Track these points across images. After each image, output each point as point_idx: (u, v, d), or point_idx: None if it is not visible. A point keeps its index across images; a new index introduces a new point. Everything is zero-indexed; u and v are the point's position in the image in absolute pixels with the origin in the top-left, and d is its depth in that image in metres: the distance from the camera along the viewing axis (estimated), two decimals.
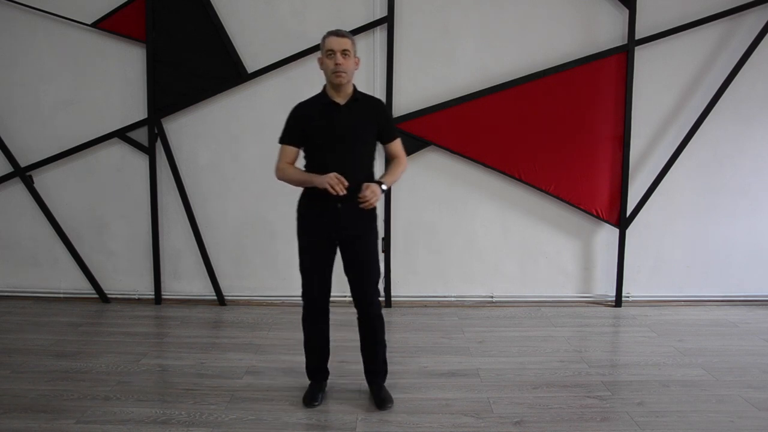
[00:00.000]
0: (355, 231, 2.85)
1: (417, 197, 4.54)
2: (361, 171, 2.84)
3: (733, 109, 4.47)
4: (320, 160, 2.81)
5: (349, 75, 2.79)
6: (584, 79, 4.38)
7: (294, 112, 2.89)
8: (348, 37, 2.79)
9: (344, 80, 2.77)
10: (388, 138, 2.93)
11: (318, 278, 2.91)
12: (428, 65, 4.42)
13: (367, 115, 2.86)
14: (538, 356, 3.61)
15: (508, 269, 4.64)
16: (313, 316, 2.98)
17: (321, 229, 2.85)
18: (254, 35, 4.37)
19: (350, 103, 2.83)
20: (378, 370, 3.03)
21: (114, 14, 4.31)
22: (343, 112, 2.81)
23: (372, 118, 2.87)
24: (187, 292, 4.62)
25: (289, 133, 2.88)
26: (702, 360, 3.55)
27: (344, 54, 2.75)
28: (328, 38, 2.79)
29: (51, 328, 4.00)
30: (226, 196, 4.52)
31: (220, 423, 2.79)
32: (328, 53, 2.76)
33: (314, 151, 2.85)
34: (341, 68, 2.74)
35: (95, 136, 4.44)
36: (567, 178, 4.45)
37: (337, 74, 2.75)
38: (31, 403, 2.95)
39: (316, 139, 2.82)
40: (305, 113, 2.85)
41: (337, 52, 2.74)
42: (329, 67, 2.77)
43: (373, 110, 2.89)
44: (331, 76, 2.78)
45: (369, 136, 2.87)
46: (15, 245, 4.60)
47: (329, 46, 2.76)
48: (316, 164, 2.84)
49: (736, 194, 4.57)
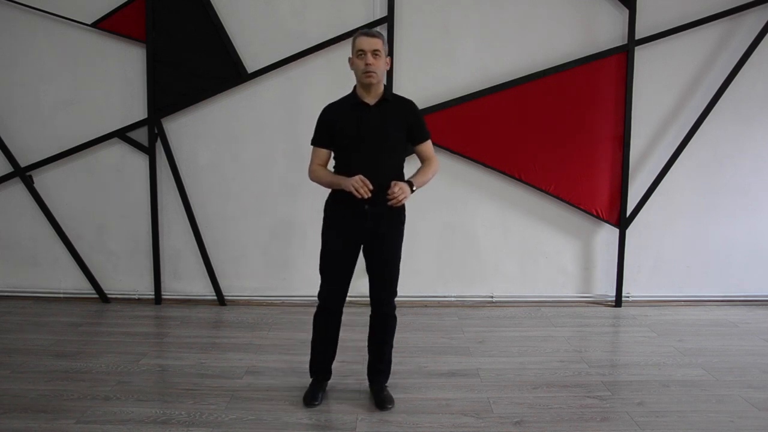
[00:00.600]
0: (379, 234, 2.84)
1: (417, 197, 4.48)
2: (390, 172, 2.80)
3: (733, 109, 4.47)
4: (348, 161, 2.79)
5: (380, 75, 2.76)
6: (584, 79, 4.38)
7: (323, 113, 2.87)
8: (379, 37, 2.76)
9: (374, 80, 2.74)
10: (419, 139, 2.88)
11: (338, 281, 2.90)
12: (428, 65, 4.42)
13: (396, 116, 2.82)
14: (538, 356, 3.61)
15: (508, 269, 4.64)
16: (326, 316, 2.97)
17: (347, 230, 2.83)
18: (254, 35, 4.36)
19: (380, 104, 2.80)
20: (382, 370, 3.03)
21: (114, 14, 4.31)
22: (372, 113, 2.78)
23: (402, 119, 2.83)
24: (187, 292, 4.62)
25: (319, 135, 2.87)
26: (702, 360, 3.55)
27: (375, 54, 2.72)
28: (359, 38, 2.76)
29: (51, 328, 4.00)
30: (226, 196, 4.52)
31: (220, 423, 2.79)
32: (359, 53, 2.73)
33: (342, 151, 2.83)
34: (372, 68, 2.71)
35: (95, 136, 4.44)
36: (567, 178, 4.45)
37: (368, 74, 2.72)
38: (31, 403, 2.95)
39: (344, 140, 2.80)
40: (334, 115, 2.83)
41: (367, 52, 2.71)
42: (360, 67, 2.74)
43: (403, 111, 2.85)
44: (361, 76, 2.75)
45: (398, 136, 2.82)
46: (15, 245, 4.60)
47: (360, 45, 2.73)
48: (344, 165, 2.82)
49: (736, 194, 4.57)
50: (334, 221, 2.87)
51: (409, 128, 2.85)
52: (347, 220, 2.82)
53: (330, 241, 2.89)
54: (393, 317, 2.98)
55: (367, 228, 2.81)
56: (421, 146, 2.91)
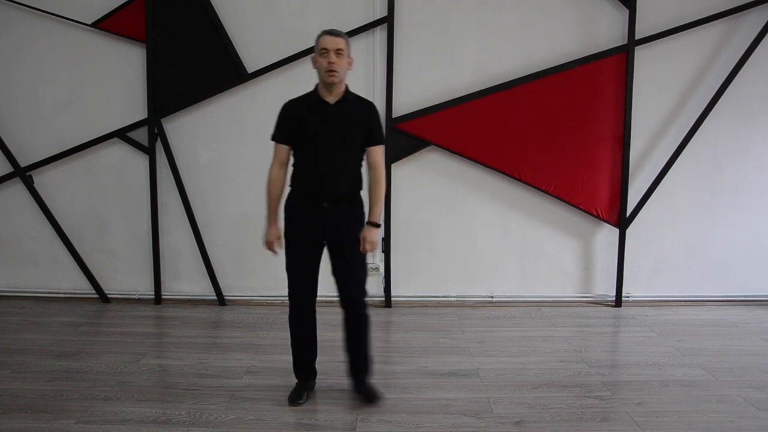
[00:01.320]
0: (341, 231, 2.87)
1: (417, 197, 4.54)
2: (348, 170, 2.86)
3: (733, 109, 4.47)
4: (308, 158, 2.85)
5: (342, 74, 2.80)
6: (584, 79, 4.38)
7: (283, 109, 2.90)
8: (342, 37, 2.81)
9: (337, 79, 2.78)
10: (372, 142, 2.89)
11: (304, 279, 2.93)
12: (428, 65, 4.42)
13: (356, 116, 2.86)
14: (538, 356, 3.61)
15: (508, 269, 4.64)
16: (300, 316, 2.99)
17: (307, 228, 2.86)
18: (254, 35, 4.37)
19: (341, 103, 2.84)
20: (364, 368, 3.03)
21: (114, 14, 4.31)
22: (332, 112, 2.82)
23: (361, 119, 2.87)
24: (187, 292, 4.62)
25: (280, 131, 2.90)
26: (702, 360, 3.55)
27: (338, 53, 2.77)
28: (322, 37, 2.80)
29: (51, 328, 4.00)
30: (226, 196, 4.52)
31: (220, 423, 2.79)
32: (322, 52, 2.77)
33: (302, 149, 2.87)
34: (334, 67, 2.75)
35: (95, 136, 4.44)
36: (567, 178, 4.45)
37: (330, 73, 2.76)
38: (31, 403, 2.95)
39: (304, 137, 2.84)
40: (295, 111, 2.86)
41: (330, 51, 2.76)
42: (322, 66, 2.78)
43: (363, 112, 2.89)
44: (324, 75, 2.79)
45: (357, 136, 2.86)
46: (15, 245, 4.60)
47: (323, 44, 2.78)
48: (304, 162, 2.86)
49: (737, 194, 4.57)
50: (295, 220, 2.88)
51: (367, 129, 2.87)
52: (308, 219, 2.85)
53: (292, 239, 2.91)
54: (366, 316, 2.98)
55: (328, 226, 2.84)
56: (374, 149, 2.90)
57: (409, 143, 4.41)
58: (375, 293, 4.58)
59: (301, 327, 3.01)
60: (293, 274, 2.94)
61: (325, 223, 2.84)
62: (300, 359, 3.06)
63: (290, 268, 2.94)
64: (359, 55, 4.38)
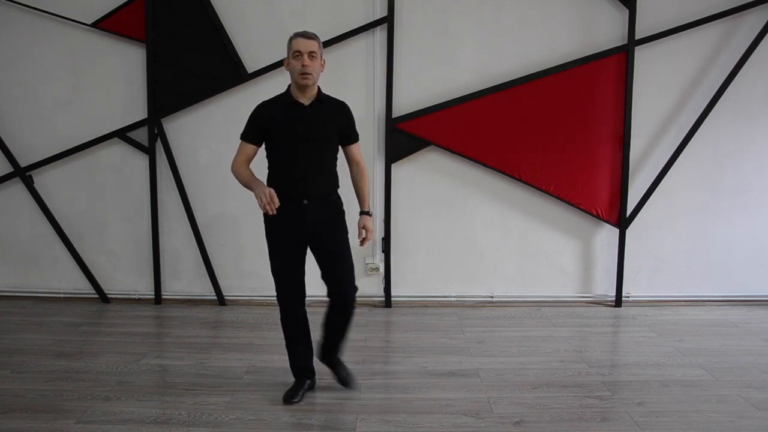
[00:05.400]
0: (321, 227, 2.89)
1: (417, 197, 4.54)
2: (323, 170, 2.90)
3: (733, 109, 4.47)
4: (282, 159, 2.86)
5: (316, 77, 2.83)
6: (584, 80, 4.38)
7: (257, 110, 2.93)
8: (315, 39, 2.83)
9: (310, 82, 2.81)
10: (348, 140, 2.97)
11: (292, 279, 2.94)
12: (428, 65, 4.42)
13: (330, 117, 2.90)
14: (538, 356, 3.61)
15: (508, 269, 4.64)
16: (291, 317, 3.01)
17: (288, 227, 2.87)
18: (254, 35, 4.37)
19: (314, 104, 2.87)
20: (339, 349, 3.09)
21: (114, 14, 4.31)
22: (307, 113, 2.85)
23: (335, 120, 2.91)
24: (187, 292, 4.62)
25: (250, 131, 2.92)
26: (702, 360, 3.55)
27: (311, 56, 2.79)
28: (294, 39, 2.82)
29: (51, 328, 4.00)
30: (226, 196, 4.52)
31: (220, 423, 2.79)
32: (295, 55, 2.79)
33: (277, 150, 2.89)
34: (308, 69, 2.78)
35: (95, 136, 4.44)
36: (567, 178, 4.45)
37: (304, 75, 2.78)
38: (31, 403, 2.95)
39: (279, 139, 2.86)
40: (269, 112, 2.88)
41: (304, 53, 2.78)
42: (296, 69, 2.80)
43: (337, 112, 2.93)
44: (297, 78, 2.81)
45: (332, 136, 2.91)
46: (15, 245, 4.60)
47: (296, 47, 2.79)
48: (278, 163, 2.88)
49: (737, 194, 4.57)
50: (276, 219, 2.85)
51: (341, 130, 2.92)
52: (288, 217, 2.84)
53: (275, 240, 2.93)
54: (354, 308, 2.99)
55: (308, 223, 2.86)
56: (351, 147, 3.00)
57: (409, 143, 4.41)
58: (375, 293, 4.58)
59: (293, 328, 3.03)
60: (280, 276, 2.95)
61: (306, 222, 2.86)
62: (295, 359, 3.07)
63: (277, 270, 2.95)
64: (359, 55, 4.40)
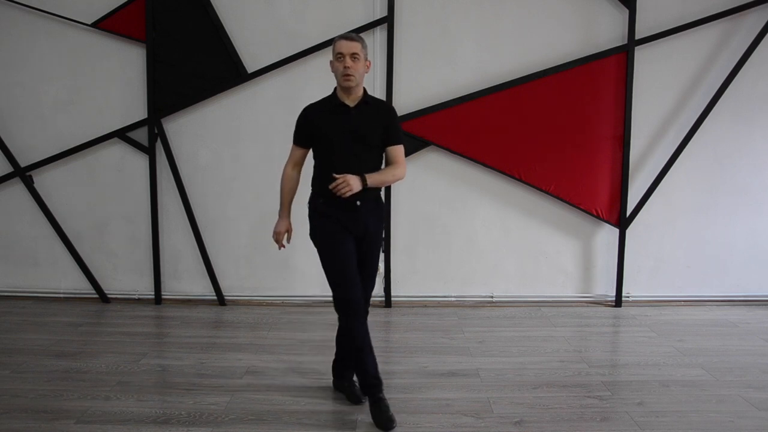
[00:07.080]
0: (370, 236, 2.88)
1: (417, 197, 4.54)
2: (372, 171, 2.82)
3: (733, 109, 4.47)
4: (328, 162, 2.82)
5: (359, 78, 2.79)
6: (584, 80, 4.38)
7: (303, 113, 2.90)
8: (358, 41, 2.78)
9: (353, 83, 2.77)
10: (390, 141, 2.88)
11: (352, 273, 2.82)
12: (428, 65, 4.42)
13: (375, 119, 2.85)
14: (538, 356, 3.61)
15: (508, 269, 4.64)
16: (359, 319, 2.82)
17: (344, 226, 2.83)
18: (254, 35, 4.36)
19: (360, 106, 2.83)
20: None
21: (114, 14, 4.31)
22: (352, 115, 2.81)
23: (380, 122, 2.86)
24: (187, 292, 4.62)
25: (299, 135, 2.90)
26: (702, 360, 3.55)
27: (353, 57, 2.75)
28: (338, 42, 2.79)
29: (51, 328, 4.00)
30: (226, 196, 4.52)
31: (220, 423, 2.79)
32: (338, 56, 2.76)
33: (322, 152, 2.86)
34: (350, 71, 2.75)
35: (95, 136, 4.44)
36: (567, 178, 4.45)
37: (347, 77, 2.75)
38: (31, 403, 2.95)
39: (324, 141, 2.83)
40: (315, 115, 2.85)
41: (346, 55, 2.74)
42: (339, 70, 2.77)
43: (382, 114, 2.89)
44: (340, 79, 2.78)
45: (377, 139, 2.85)
46: (15, 245, 4.60)
47: (339, 49, 2.76)
48: (324, 165, 2.84)
49: (736, 194, 4.57)
50: (330, 218, 2.82)
51: (386, 130, 2.87)
52: (343, 216, 2.82)
53: (331, 236, 2.84)
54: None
55: (362, 225, 2.84)
56: (392, 148, 2.89)
57: (409, 143, 4.40)
58: (375, 293, 4.55)
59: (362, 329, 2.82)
60: (339, 275, 2.80)
61: (360, 223, 2.83)
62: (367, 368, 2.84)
63: (334, 270, 2.81)
64: None
